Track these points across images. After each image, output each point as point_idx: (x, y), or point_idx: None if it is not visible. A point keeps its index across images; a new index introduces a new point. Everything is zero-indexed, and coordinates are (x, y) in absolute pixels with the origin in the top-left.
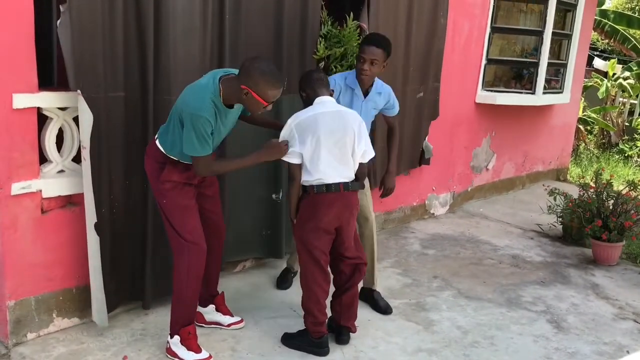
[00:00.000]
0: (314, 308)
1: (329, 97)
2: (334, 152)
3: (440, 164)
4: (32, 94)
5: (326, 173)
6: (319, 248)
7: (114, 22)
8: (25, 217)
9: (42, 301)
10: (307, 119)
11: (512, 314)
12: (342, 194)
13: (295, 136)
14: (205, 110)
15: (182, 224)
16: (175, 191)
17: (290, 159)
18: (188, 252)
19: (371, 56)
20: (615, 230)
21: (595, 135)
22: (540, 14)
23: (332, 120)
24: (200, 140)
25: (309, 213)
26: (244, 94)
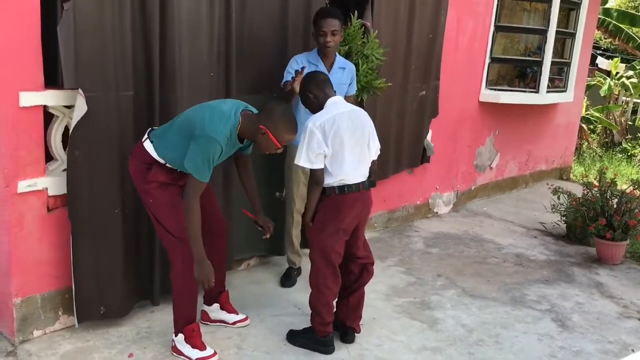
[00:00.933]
0: (322, 309)
1: (338, 97)
2: (355, 152)
3: (444, 162)
4: (38, 92)
5: (349, 174)
6: (336, 250)
7: (121, 21)
8: (31, 215)
9: (48, 299)
10: (328, 121)
11: (517, 313)
12: (361, 193)
13: (319, 139)
14: (221, 138)
15: (171, 220)
16: (160, 190)
17: (316, 165)
18: (181, 248)
19: (331, 27)
20: (620, 229)
21: (599, 134)
22: (544, 12)
23: (351, 121)
24: (205, 164)
25: (330, 215)
26: (260, 133)
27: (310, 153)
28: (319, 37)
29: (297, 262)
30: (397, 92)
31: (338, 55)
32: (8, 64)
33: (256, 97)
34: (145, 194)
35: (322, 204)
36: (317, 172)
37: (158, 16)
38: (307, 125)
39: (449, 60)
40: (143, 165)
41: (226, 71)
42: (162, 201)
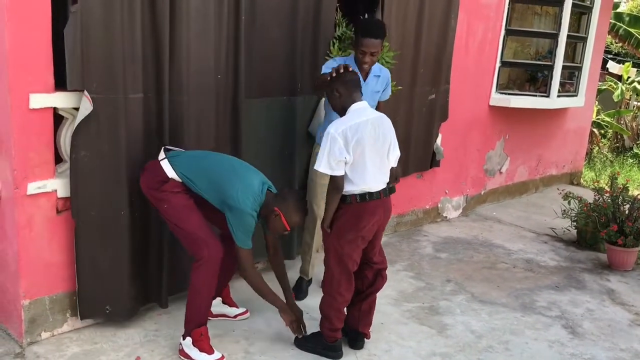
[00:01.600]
0: (333, 315)
1: (364, 103)
2: (375, 160)
3: (454, 167)
4: (49, 94)
5: (370, 182)
6: (353, 258)
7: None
8: (40, 216)
9: (57, 301)
10: (350, 129)
11: (527, 319)
12: (382, 200)
13: (341, 146)
14: (253, 212)
15: (191, 221)
16: (174, 195)
17: (337, 172)
18: (206, 247)
19: (372, 49)
20: (631, 235)
21: (609, 139)
22: (555, 16)
23: (374, 129)
24: (246, 234)
25: (351, 223)
26: (274, 215)
27: (332, 159)
28: (358, 54)
29: (310, 274)
30: (406, 96)
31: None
32: (18, 66)
33: (266, 99)
34: (159, 201)
35: (343, 211)
36: (338, 179)
37: (168, 18)
38: (329, 130)
39: (459, 64)
40: (157, 177)
41: (235, 73)
42: (178, 204)
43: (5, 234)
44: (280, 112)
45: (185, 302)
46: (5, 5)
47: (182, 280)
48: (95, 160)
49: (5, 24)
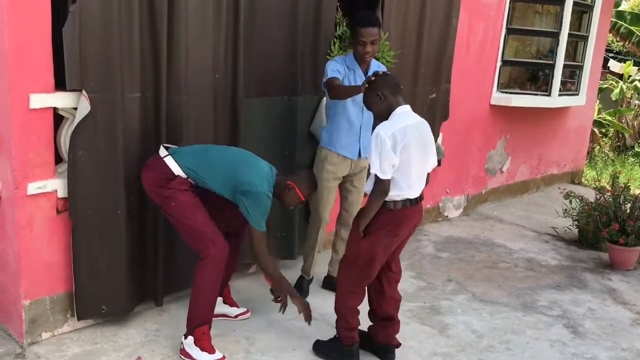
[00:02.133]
0: (347, 312)
1: (408, 107)
2: (419, 166)
3: (454, 166)
4: (48, 94)
5: (414, 188)
6: (382, 260)
7: (128, 23)
8: (40, 217)
9: (57, 301)
10: (400, 131)
11: (528, 318)
12: (419, 206)
13: (389, 148)
14: (269, 192)
15: (198, 220)
16: (182, 193)
17: (387, 175)
18: (214, 247)
19: (371, 37)
20: (633, 234)
21: (611, 137)
22: (556, 15)
23: (418, 133)
24: (262, 217)
25: (389, 230)
26: (287, 189)
27: (383, 162)
28: (358, 46)
29: (312, 274)
30: (408, 95)
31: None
32: (18, 66)
33: (265, 99)
34: (166, 199)
35: (383, 217)
36: (385, 183)
37: (166, 18)
38: (378, 132)
39: (460, 63)
40: (162, 174)
41: (234, 73)
42: (186, 201)
43: (6, 234)
44: (281, 112)
45: (185, 302)
46: (5, 5)
47: (179, 280)
48: (92, 159)
49: (5, 24)
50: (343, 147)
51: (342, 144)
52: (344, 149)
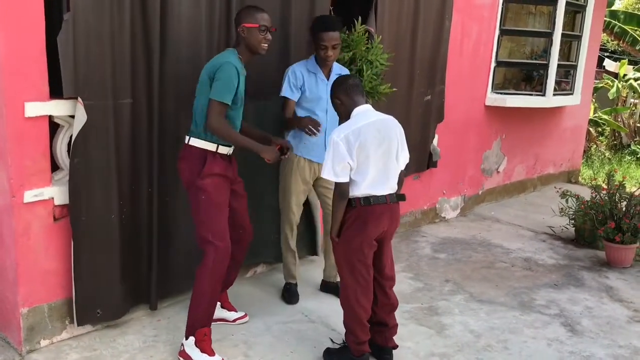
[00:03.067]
0: (356, 327)
1: (367, 106)
2: (380, 164)
3: (451, 167)
4: (44, 102)
5: (374, 187)
6: (365, 263)
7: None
8: (37, 224)
9: (55, 308)
10: (353, 133)
11: (526, 318)
12: (389, 206)
13: (344, 151)
14: (231, 60)
15: (214, 222)
16: (214, 187)
17: (342, 178)
18: (215, 251)
19: (332, 42)
20: (629, 232)
21: (607, 136)
22: (549, 15)
23: (378, 132)
24: (226, 85)
25: (356, 228)
26: (243, 34)
27: (336, 165)
28: (320, 50)
29: (297, 276)
30: (402, 97)
31: (334, 62)
32: (13, 75)
33: (258, 102)
34: (198, 190)
35: (348, 216)
36: (342, 185)
37: (159, 24)
38: (331, 136)
39: (454, 64)
40: (196, 160)
41: None
42: (214, 200)
43: (3, 242)
44: (273, 114)
45: (183, 307)
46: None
47: (176, 284)
48: (87, 165)
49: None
50: (309, 151)
51: (308, 148)
52: (310, 153)
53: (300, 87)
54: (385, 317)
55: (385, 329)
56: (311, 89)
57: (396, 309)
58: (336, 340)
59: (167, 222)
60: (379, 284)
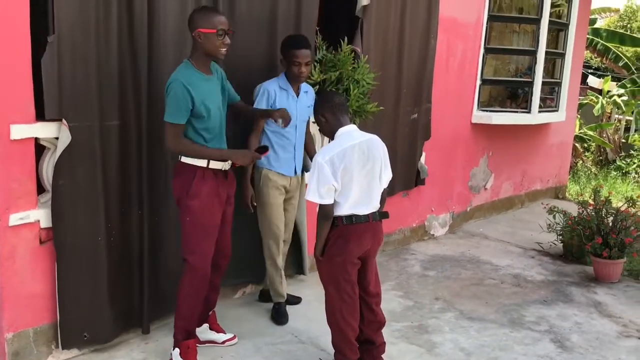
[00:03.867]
0: (344, 347)
1: (352, 126)
2: (363, 185)
3: (439, 184)
4: (30, 124)
5: (357, 207)
6: (349, 280)
7: (106, 52)
8: (23, 247)
9: (41, 333)
10: (337, 155)
11: (516, 334)
12: (371, 224)
13: (328, 173)
14: (178, 77)
15: (197, 245)
16: (201, 209)
17: (326, 200)
18: (191, 272)
19: (305, 59)
20: (616, 247)
21: (593, 152)
22: (533, 33)
23: (362, 153)
24: (173, 106)
25: (339, 246)
26: (199, 40)
27: (321, 187)
28: (293, 67)
29: (285, 295)
30: (389, 116)
31: None
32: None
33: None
34: (185, 209)
35: (331, 235)
36: (327, 207)
37: (147, 45)
38: (316, 158)
39: (440, 83)
40: (187, 178)
41: None
42: (198, 223)
43: None
44: None
45: (172, 329)
46: None
47: (166, 306)
48: (73, 187)
49: None
50: (280, 165)
51: (280, 162)
52: (281, 167)
53: (271, 105)
54: (372, 335)
55: (373, 347)
56: (282, 105)
57: (383, 326)
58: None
59: (157, 243)
60: (365, 301)
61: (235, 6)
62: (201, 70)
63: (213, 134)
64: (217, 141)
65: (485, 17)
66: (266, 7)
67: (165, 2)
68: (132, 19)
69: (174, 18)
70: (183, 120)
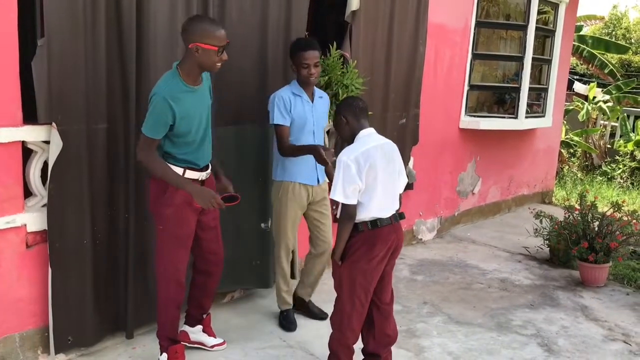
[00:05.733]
0: (341, 352)
1: (372, 129)
2: (388, 186)
3: (427, 189)
4: (17, 127)
5: (381, 208)
6: (368, 290)
7: (95, 55)
8: (9, 252)
9: (27, 338)
10: (362, 155)
11: (503, 338)
12: (394, 226)
13: (354, 173)
14: (161, 91)
15: (169, 256)
16: (174, 219)
17: (351, 200)
18: (166, 284)
19: (314, 60)
20: (602, 252)
21: (578, 157)
22: (520, 40)
23: (384, 154)
24: (151, 120)
25: (363, 252)
26: (195, 53)
27: (346, 187)
28: (302, 69)
29: (291, 302)
30: (378, 121)
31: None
32: None
33: (236, 127)
34: (158, 218)
35: (354, 240)
36: (350, 208)
37: (135, 48)
38: (341, 158)
39: (429, 88)
40: (161, 185)
41: None
42: (171, 233)
43: None
44: (252, 140)
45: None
46: None
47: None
48: (62, 191)
49: None
50: (302, 176)
51: (301, 173)
52: (303, 177)
53: (289, 111)
54: (379, 349)
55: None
56: (299, 113)
57: (394, 342)
58: None
59: (144, 247)
60: (378, 309)
61: (225, 12)
62: (188, 82)
63: (192, 147)
64: (196, 153)
65: (473, 23)
66: (257, 12)
67: (154, 5)
68: (120, 22)
69: (162, 21)
70: (158, 135)
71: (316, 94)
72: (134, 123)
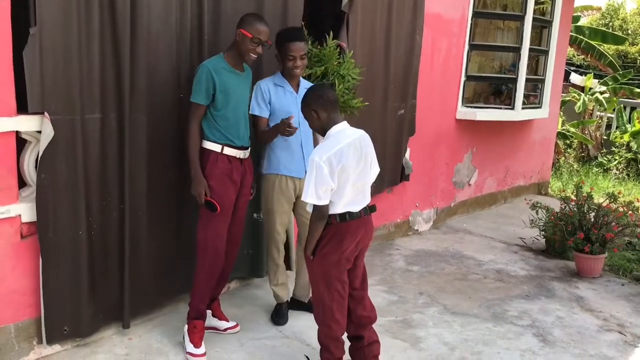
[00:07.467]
0: (330, 344)
1: (344, 123)
2: (357, 183)
3: (423, 180)
4: (11, 117)
5: (350, 204)
6: (342, 280)
7: (88, 45)
8: (4, 242)
9: (22, 328)
10: (335, 155)
11: (499, 329)
12: (363, 219)
13: (326, 174)
14: (207, 63)
15: (210, 224)
16: (214, 189)
17: (324, 201)
18: (204, 252)
19: (300, 52)
20: (597, 243)
21: (575, 149)
22: (517, 30)
23: (356, 151)
24: (195, 86)
25: (333, 245)
26: (238, 38)
27: (319, 189)
28: (287, 61)
29: (286, 296)
30: (377, 112)
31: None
32: None
33: None
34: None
35: (324, 234)
36: (323, 208)
37: (129, 37)
38: (312, 158)
39: (425, 79)
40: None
41: None
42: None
43: None
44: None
45: (155, 324)
46: None
47: (147, 301)
48: (55, 181)
49: None
50: (289, 168)
51: (288, 165)
52: (290, 170)
53: (268, 102)
54: (360, 330)
55: (362, 343)
56: (280, 102)
57: (373, 322)
58: (311, 356)
59: (139, 238)
60: (351, 295)
61: (220, 3)
62: (231, 65)
63: (229, 123)
64: (232, 132)
65: (470, 13)
66: (252, 2)
67: None
68: (114, 10)
69: (157, 10)
70: (202, 100)
71: (302, 84)
72: (127, 112)
